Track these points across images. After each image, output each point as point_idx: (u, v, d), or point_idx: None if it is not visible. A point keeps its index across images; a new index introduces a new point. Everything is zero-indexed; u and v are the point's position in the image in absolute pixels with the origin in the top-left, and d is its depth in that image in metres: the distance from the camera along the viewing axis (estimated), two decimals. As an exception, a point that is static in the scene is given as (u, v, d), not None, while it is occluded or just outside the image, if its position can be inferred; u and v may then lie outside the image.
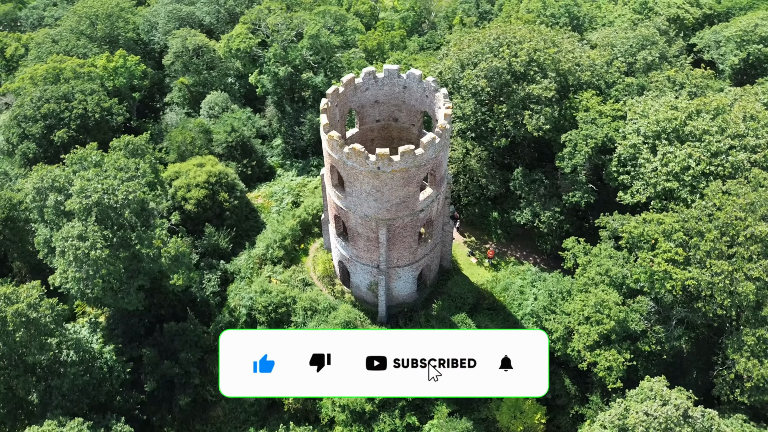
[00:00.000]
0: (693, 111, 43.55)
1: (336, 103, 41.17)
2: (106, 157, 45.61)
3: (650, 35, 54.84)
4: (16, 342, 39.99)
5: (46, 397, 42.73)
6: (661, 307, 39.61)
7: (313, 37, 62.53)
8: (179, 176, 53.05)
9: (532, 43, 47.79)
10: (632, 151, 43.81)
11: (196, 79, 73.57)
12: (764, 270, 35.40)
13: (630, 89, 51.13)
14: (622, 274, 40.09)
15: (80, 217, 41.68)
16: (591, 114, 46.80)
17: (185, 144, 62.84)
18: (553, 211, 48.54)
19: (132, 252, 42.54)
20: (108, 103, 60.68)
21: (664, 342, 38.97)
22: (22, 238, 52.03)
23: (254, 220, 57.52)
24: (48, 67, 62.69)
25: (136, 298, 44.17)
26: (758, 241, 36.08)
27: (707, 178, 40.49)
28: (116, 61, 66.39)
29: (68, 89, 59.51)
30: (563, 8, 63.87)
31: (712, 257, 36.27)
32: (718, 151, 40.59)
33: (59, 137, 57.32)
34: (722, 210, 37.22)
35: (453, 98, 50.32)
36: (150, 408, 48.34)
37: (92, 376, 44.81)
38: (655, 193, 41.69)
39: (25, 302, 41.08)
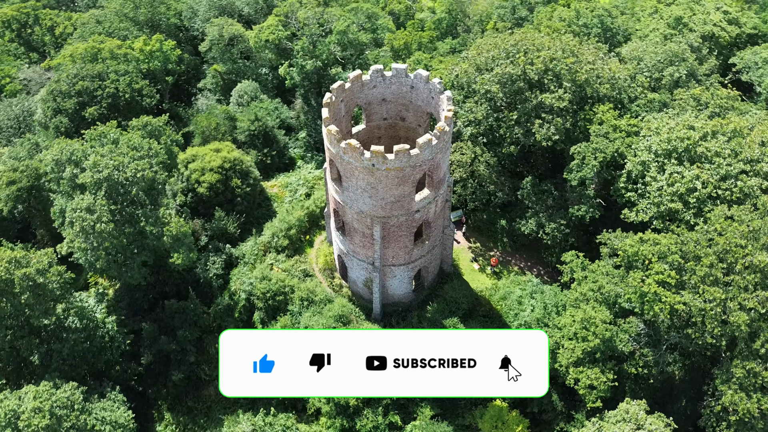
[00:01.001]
0: (709, 132, 42.16)
1: (341, 98, 41.66)
2: (124, 135, 47.36)
3: (680, 51, 53.24)
4: (22, 304, 42.06)
5: (47, 360, 44.84)
6: (652, 329, 38.58)
7: (342, 32, 63.17)
8: (195, 159, 54.56)
9: (550, 51, 47.12)
10: (641, 168, 42.74)
11: (230, 67, 75.30)
12: (759, 301, 34.05)
13: (651, 105, 49.84)
14: (615, 292, 39.20)
15: (91, 190, 43.51)
16: (604, 128, 45.85)
17: (209, 129, 64.53)
18: (558, 223, 47.80)
19: (137, 228, 44.11)
20: (139, 85, 62.89)
21: (652, 366, 37.98)
22: (45, 207, 54.48)
23: (266, 208, 58.59)
24: (87, 47, 65.44)
25: (138, 273, 45.80)
26: (757, 271, 34.70)
27: (714, 202, 39.13)
28: (152, 44, 68.71)
29: (103, 69, 61.98)
30: (597, 19, 62.60)
31: (707, 283, 35.10)
32: (728, 174, 39.18)
33: (90, 114, 59.71)
34: (723, 235, 35.93)
35: (467, 102, 50.15)
36: (147, 380, 50.06)
37: (93, 344, 46.73)
38: (658, 212, 40.58)
39: (34, 267, 43.17)
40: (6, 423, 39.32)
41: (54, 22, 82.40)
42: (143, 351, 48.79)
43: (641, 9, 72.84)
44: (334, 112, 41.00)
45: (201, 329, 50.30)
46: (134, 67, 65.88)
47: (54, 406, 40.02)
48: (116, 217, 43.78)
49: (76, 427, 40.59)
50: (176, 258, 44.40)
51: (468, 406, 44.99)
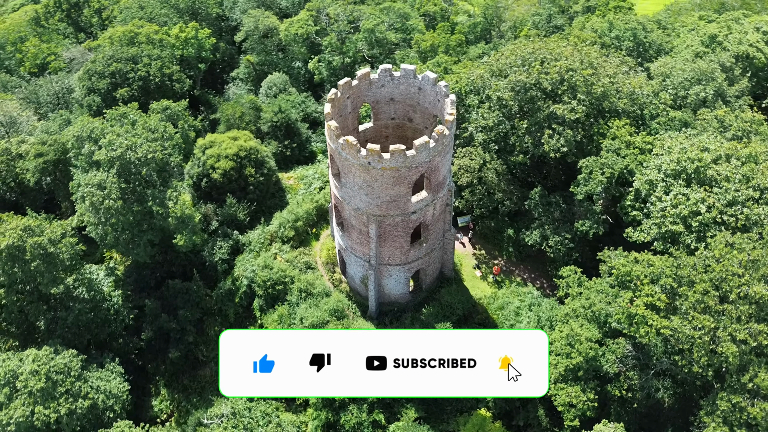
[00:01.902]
0: (722, 154, 40.69)
1: (348, 95, 42.04)
2: (141, 117, 48.98)
3: (709, 70, 51.42)
4: (31, 271, 44.06)
5: (52, 326, 46.89)
6: (640, 353, 37.54)
7: (369, 30, 63.67)
8: (213, 146, 55.90)
9: (567, 61, 46.30)
10: (648, 187, 41.60)
11: (263, 58, 76.87)
12: (751, 333, 32.74)
13: (672, 124, 48.39)
14: (606, 311, 38.32)
15: (105, 167, 45.21)
16: (616, 143, 44.82)
17: (234, 117, 66.03)
18: (563, 236, 46.96)
19: (145, 207, 45.60)
20: (170, 70, 64.88)
21: (637, 390, 36.97)
22: (69, 180, 56.67)
23: (280, 198, 59.53)
24: (125, 30, 67.90)
25: (144, 251, 47.35)
26: (752, 302, 33.35)
27: (718, 227, 37.76)
28: (188, 32, 70.69)
29: (137, 52, 64.21)
30: (629, 32, 61.05)
31: (697, 310, 33.94)
32: (735, 200, 37.72)
33: (121, 95, 61.99)
34: (721, 262, 34.67)
35: (480, 108, 49.81)
36: (147, 356, 51.68)
37: (97, 316, 48.56)
38: (659, 234, 39.43)
39: (47, 237, 45.18)
40: (5, 382, 41.42)
41: (101, 5, 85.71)
42: (145, 327, 50.38)
43: (682, 24, 70.72)
44: (338, 108, 41.46)
45: (202, 311, 51.60)
46: (168, 53, 67.92)
47: (51, 371, 41.89)
48: (126, 195, 45.38)
49: (70, 392, 42.38)
50: (179, 239, 45.67)
51: (453, 413, 44.86)
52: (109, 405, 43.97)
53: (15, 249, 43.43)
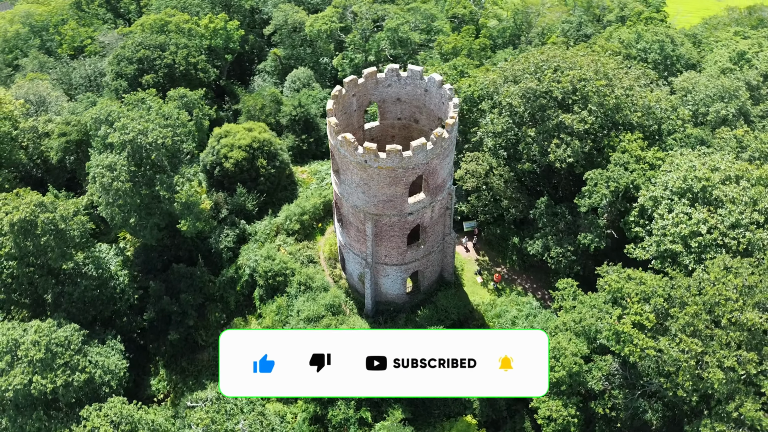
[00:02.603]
0: (732, 175, 39.42)
1: (354, 92, 42.28)
2: (157, 103, 50.22)
3: (733, 88, 49.85)
4: (42, 245, 45.71)
5: (59, 300, 48.47)
6: (628, 372, 36.73)
7: (392, 30, 63.76)
8: (228, 135, 56.89)
9: (581, 71, 45.52)
10: (652, 203, 40.62)
11: (290, 52, 77.77)
12: (739, 361, 31.71)
13: (688, 140, 47.11)
14: (596, 327, 37.60)
15: (117, 150, 46.57)
16: (625, 157, 43.88)
17: (255, 109, 67.07)
18: (564, 248, 46.24)
19: (153, 191, 46.78)
20: (195, 59, 66.23)
21: (621, 409, 36.19)
22: (88, 160, 58.69)
23: (291, 191, 60.20)
24: (157, 18, 69.63)
25: (150, 234, 48.59)
26: (744, 330, 32.29)
27: (719, 250, 36.61)
28: (217, 23, 72.03)
29: (164, 40, 65.77)
30: (657, 44, 59.62)
31: (686, 333, 33.04)
32: (738, 223, 36.51)
33: (146, 81, 63.62)
34: (716, 286, 33.64)
35: (490, 113, 49.40)
36: (149, 336, 53.05)
37: (103, 293, 50.00)
38: (658, 252, 38.47)
39: (59, 213, 46.80)
40: (7, 349, 43.05)
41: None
42: (148, 308, 51.69)
43: (716, 39, 68.69)
44: (343, 105, 41.74)
45: (205, 296, 52.65)
46: (195, 43, 69.36)
47: (51, 343, 43.34)
48: (136, 178, 46.63)
49: (68, 365, 43.74)
50: (183, 224, 46.68)
51: (440, 417, 44.71)
52: (105, 380, 45.25)
53: (27, 223, 45.09)
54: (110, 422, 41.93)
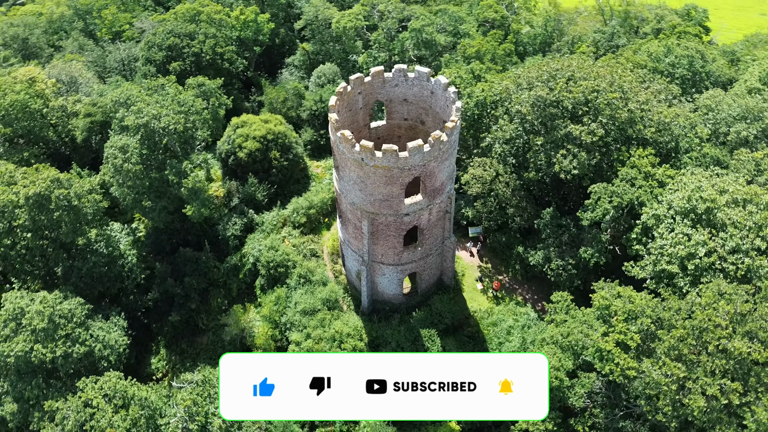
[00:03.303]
0: (740, 199, 38.06)
1: (359, 90, 42.45)
2: (174, 89, 51.45)
3: (757, 108, 48.02)
4: (55, 220, 47.45)
5: (68, 274, 50.23)
6: (611, 391, 35.90)
7: (416, 31, 63.68)
8: (244, 126, 57.89)
9: (594, 82, 44.61)
10: (654, 221, 39.57)
11: (319, 48, 78.47)
12: (723, 390, 30.64)
13: (704, 160, 45.68)
14: (582, 343, 36.87)
15: (131, 133, 47.96)
16: (633, 172, 42.84)
17: (277, 102, 68.06)
18: (565, 261, 45.45)
19: (162, 175, 48.00)
20: (222, 49, 67.52)
21: (601, 428, 35.41)
22: (112, 141, 60.67)
23: (304, 184, 60.88)
24: (189, 7, 71.25)
25: (158, 216, 49.86)
26: (731, 358, 31.16)
27: (716, 274, 35.41)
28: (247, 15, 73.25)
29: (194, 29, 67.28)
30: (686, 59, 57.90)
31: (670, 356, 32.11)
32: (738, 248, 35.22)
33: (173, 68, 65.23)
34: (706, 311, 32.57)
35: (501, 120, 48.90)
36: (153, 315, 54.41)
37: (111, 270, 51.52)
38: (654, 272, 37.45)
39: (74, 190, 48.47)
40: (12, 317, 44.91)
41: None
42: (153, 288, 53.06)
43: (753, 57, 66.23)
44: (347, 103, 41.97)
45: (208, 281, 53.72)
46: (225, 33, 70.70)
47: (54, 314, 44.98)
48: (148, 161, 47.91)
49: (70, 337, 45.32)
50: (188, 209, 47.74)
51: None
52: (104, 354, 46.60)
53: (42, 198, 46.88)
54: (104, 395, 43.27)
